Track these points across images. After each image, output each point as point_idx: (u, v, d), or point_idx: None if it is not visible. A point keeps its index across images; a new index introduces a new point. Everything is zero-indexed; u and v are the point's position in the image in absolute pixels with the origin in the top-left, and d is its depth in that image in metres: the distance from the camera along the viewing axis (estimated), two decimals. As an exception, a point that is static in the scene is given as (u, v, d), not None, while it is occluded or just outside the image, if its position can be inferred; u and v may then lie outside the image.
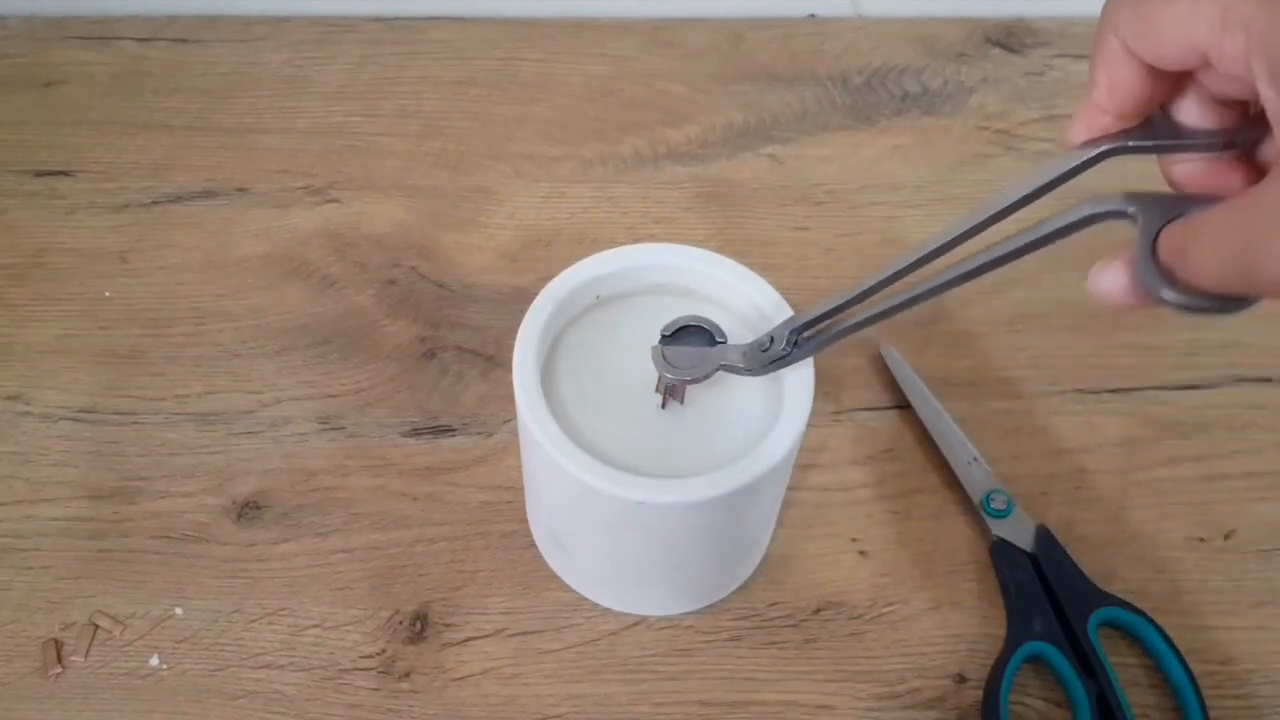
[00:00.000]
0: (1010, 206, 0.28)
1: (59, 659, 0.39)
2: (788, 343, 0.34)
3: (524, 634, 0.40)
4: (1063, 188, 0.28)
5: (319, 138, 0.56)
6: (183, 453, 0.45)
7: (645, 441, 0.35)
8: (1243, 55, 0.22)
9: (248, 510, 0.43)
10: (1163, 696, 0.39)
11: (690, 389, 0.36)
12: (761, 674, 0.40)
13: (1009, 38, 0.61)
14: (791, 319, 0.34)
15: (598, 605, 0.41)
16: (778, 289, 0.37)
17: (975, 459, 0.44)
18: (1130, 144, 0.27)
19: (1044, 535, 0.42)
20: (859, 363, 0.48)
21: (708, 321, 0.36)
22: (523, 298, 0.37)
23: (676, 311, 0.38)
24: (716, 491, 0.33)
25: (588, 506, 0.35)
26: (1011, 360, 0.48)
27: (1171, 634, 0.39)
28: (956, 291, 0.29)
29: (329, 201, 0.53)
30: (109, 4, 0.61)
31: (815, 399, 0.35)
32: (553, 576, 0.42)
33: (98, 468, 0.44)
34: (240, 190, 0.54)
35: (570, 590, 0.41)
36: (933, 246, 0.29)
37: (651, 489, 0.33)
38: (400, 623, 0.41)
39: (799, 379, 0.35)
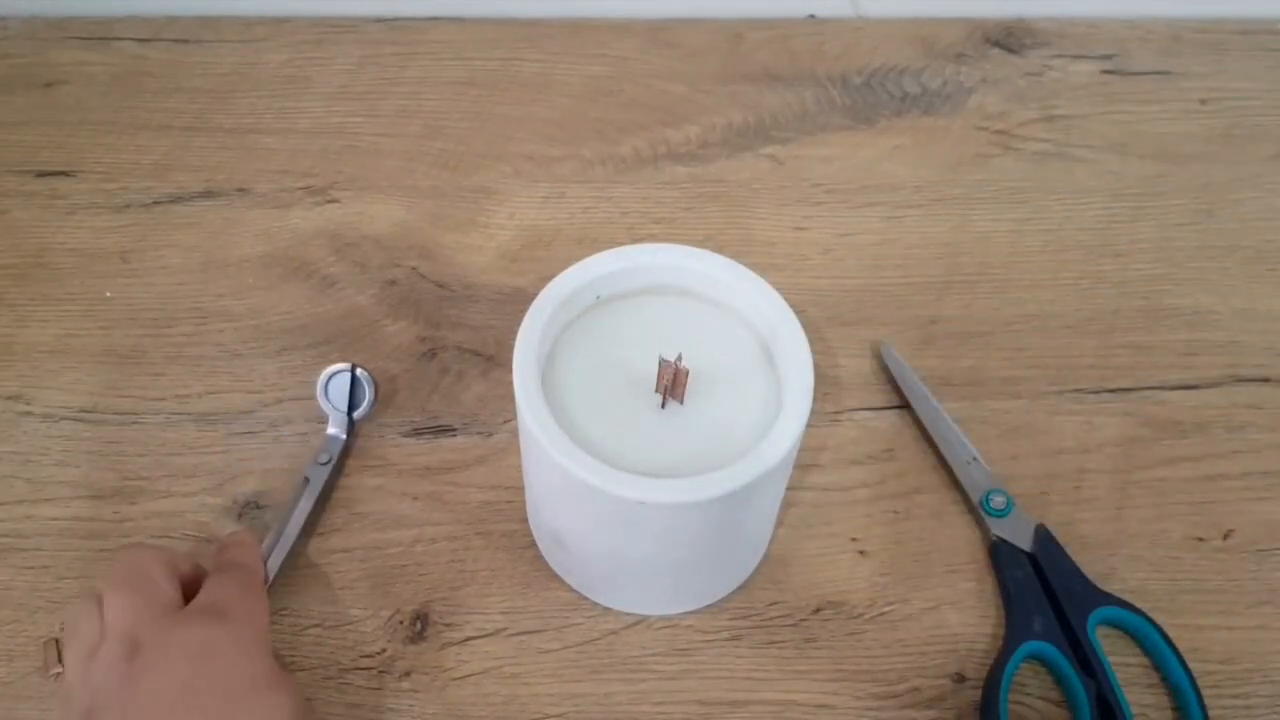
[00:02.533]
0: None
1: (60, 658, 0.39)
2: None
3: (524, 633, 0.41)
4: None
5: (319, 138, 0.56)
6: (183, 453, 0.45)
7: (645, 441, 0.35)
8: None
9: (248, 510, 0.43)
10: (1162, 696, 0.39)
11: (690, 388, 0.36)
12: (761, 673, 0.40)
13: (1008, 38, 0.61)
14: None
15: (597, 605, 0.41)
16: (778, 289, 0.37)
17: (974, 459, 0.44)
18: None
19: (1043, 535, 0.42)
20: (859, 363, 0.48)
21: None
22: (523, 298, 0.37)
23: (676, 311, 0.38)
24: (716, 491, 0.33)
25: (588, 506, 0.35)
26: (1011, 360, 0.48)
27: (1171, 633, 0.39)
28: (956, 291, 0.29)
29: (329, 202, 0.53)
30: (109, 4, 0.61)
31: (815, 399, 0.35)
32: (553, 576, 0.42)
33: (98, 467, 0.44)
34: (240, 190, 0.54)
35: (570, 590, 0.41)
36: None
37: (651, 489, 0.33)
38: (400, 622, 0.41)
39: (799, 379, 0.35)
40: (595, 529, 0.37)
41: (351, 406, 0.45)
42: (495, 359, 0.48)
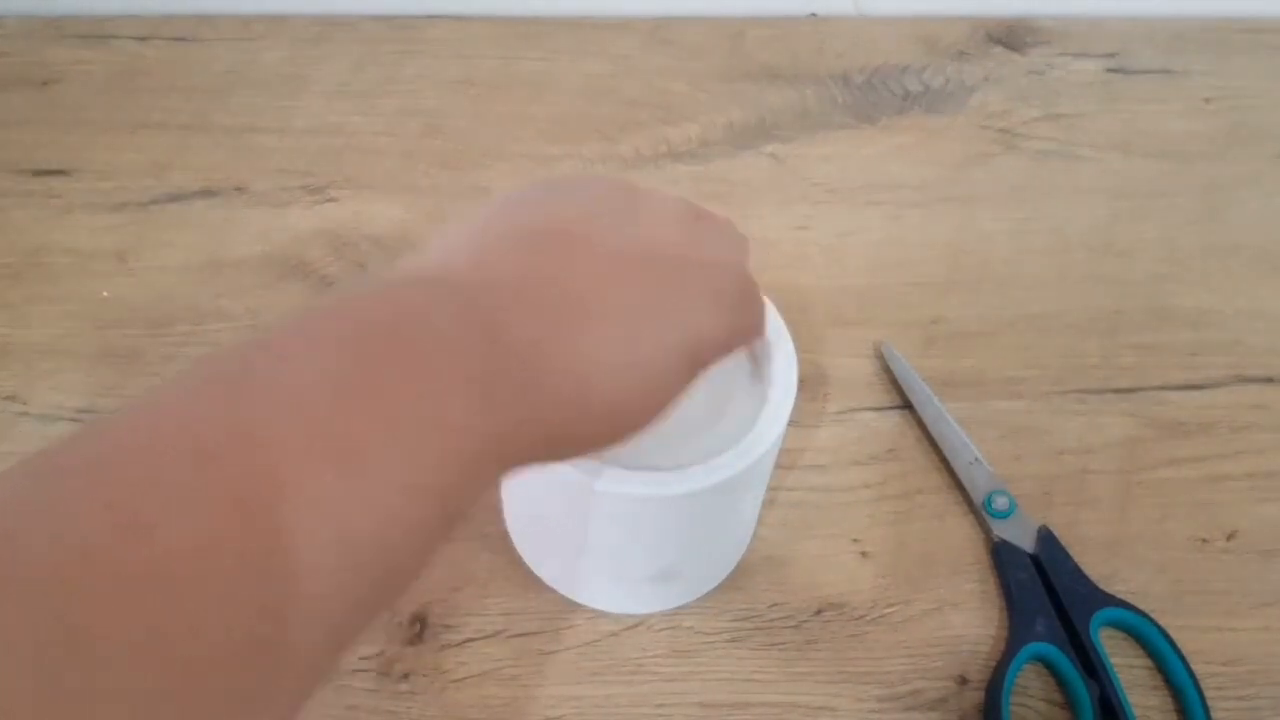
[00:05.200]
0: None
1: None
2: None
3: (524, 635, 0.40)
4: None
5: (318, 137, 0.56)
6: (181, 453, 0.44)
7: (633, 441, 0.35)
8: None
9: (246, 511, 0.43)
10: (1165, 698, 0.39)
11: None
12: (762, 675, 0.40)
13: (1011, 36, 0.61)
14: None
15: (597, 606, 0.41)
16: (778, 289, 0.37)
17: (977, 459, 0.44)
18: None
19: (1046, 536, 0.42)
20: (860, 363, 0.48)
21: None
22: (522, 297, 0.36)
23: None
24: (689, 487, 0.32)
25: (557, 495, 0.35)
26: (1013, 360, 0.48)
27: (1174, 635, 0.39)
28: (957, 291, 0.29)
29: (328, 201, 0.53)
30: (107, 3, 0.61)
31: (799, 398, 0.35)
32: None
33: (95, 468, 0.44)
34: (238, 190, 0.53)
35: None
36: None
37: (619, 480, 0.32)
38: (399, 624, 0.40)
39: (783, 376, 0.35)
40: (569, 519, 0.36)
41: None
42: (494, 359, 0.47)
